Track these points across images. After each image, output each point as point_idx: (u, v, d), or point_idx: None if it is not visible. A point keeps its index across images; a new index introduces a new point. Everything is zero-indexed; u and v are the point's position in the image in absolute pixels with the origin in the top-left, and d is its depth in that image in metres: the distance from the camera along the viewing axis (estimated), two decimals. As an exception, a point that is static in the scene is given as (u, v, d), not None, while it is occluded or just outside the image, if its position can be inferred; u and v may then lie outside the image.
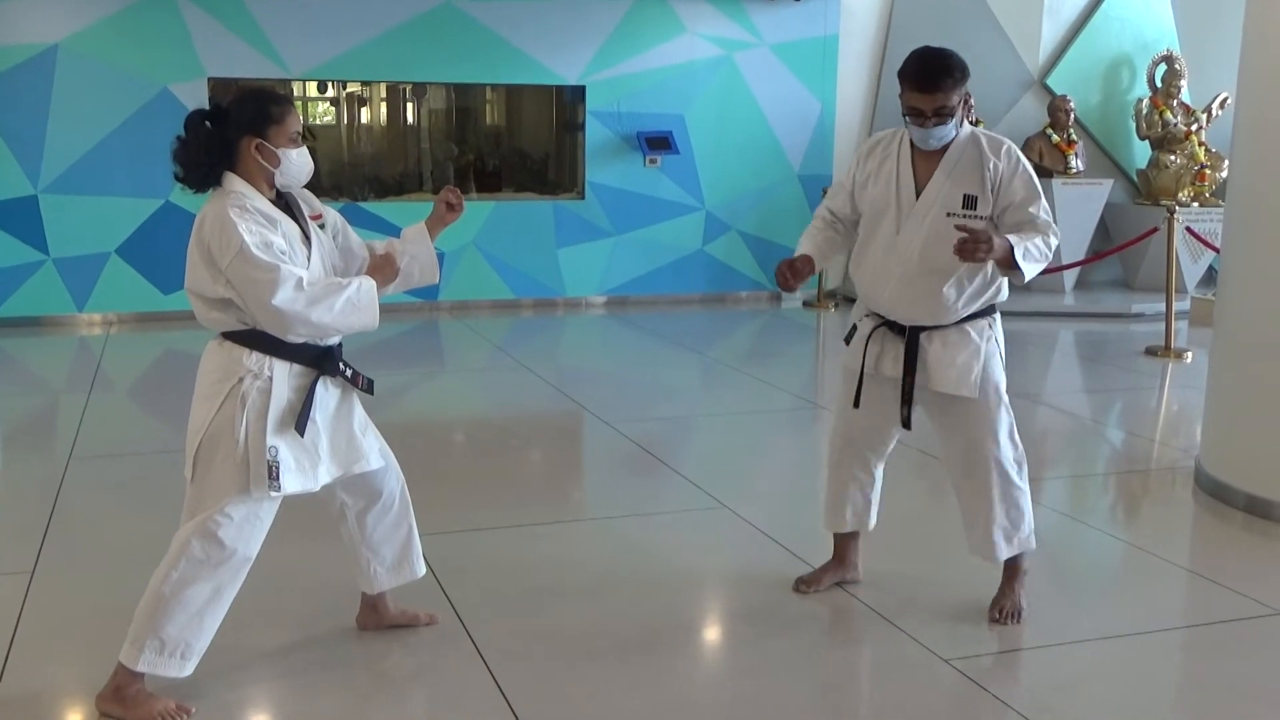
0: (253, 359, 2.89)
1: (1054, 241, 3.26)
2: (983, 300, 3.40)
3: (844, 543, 3.81)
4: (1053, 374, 7.96)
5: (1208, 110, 10.78)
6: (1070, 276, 10.64)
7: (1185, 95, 10.82)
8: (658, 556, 3.77)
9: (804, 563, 4.02)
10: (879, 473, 3.72)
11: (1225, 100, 10.63)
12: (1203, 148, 10.65)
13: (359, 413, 3.15)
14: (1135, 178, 11.15)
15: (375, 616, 3.43)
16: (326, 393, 3.02)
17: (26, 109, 8.56)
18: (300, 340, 2.92)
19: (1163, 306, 8.42)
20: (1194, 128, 10.65)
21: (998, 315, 3.49)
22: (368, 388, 3.13)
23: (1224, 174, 10.23)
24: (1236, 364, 4.85)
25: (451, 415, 6.65)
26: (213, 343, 2.98)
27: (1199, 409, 5.41)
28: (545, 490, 5.21)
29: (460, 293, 9.79)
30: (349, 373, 3.07)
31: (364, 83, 10.77)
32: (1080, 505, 4.94)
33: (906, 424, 3.49)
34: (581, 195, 10.09)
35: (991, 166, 3.28)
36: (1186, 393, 7.03)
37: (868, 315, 3.55)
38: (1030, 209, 3.29)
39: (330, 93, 11.14)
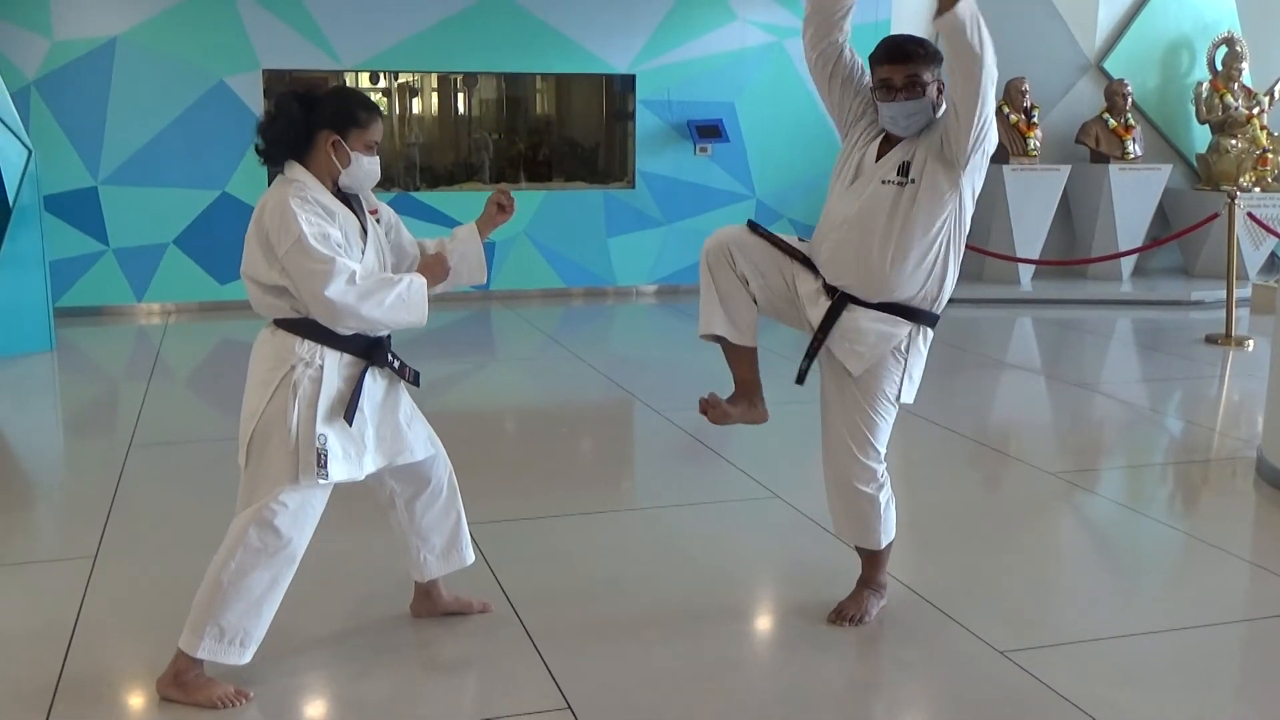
0: (304, 347, 2.93)
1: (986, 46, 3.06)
2: (918, 290, 3.22)
3: (743, 362, 3.42)
4: (1110, 362, 7.85)
5: (1270, 93, 10.56)
6: (1128, 264, 10.48)
7: (1246, 78, 10.59)
8: (709, 546, 3.77)
9: (856, 553, 4.00)
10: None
11: (1289, 83, 10.42)
12: (1264, 131, 10.43)
13: (405, 404, 3.18)
14: (1195, 163, 10.94)
15: (429, 604, 3.46)
16: (375, 383, 3.06)
17: (86, 102, 8.70)
18: (350, 332, 2.95)
19: (1223, 294, 8.27)
20: (1256, 111, 10.42)
21: (929, 333, 3.32)
22: (414, 380, 3.16)
23: (1287, 158, 10.04)
24: (1300, 352, 4.75)
25: (503, 404, 6.69)
26: (265, 331, 3.02)
27: (1260, 398, 5.32)
28: (597, 479, 5.22)
29: (511, 282, 9.82)
30: (397, 364, 3.10)
31: (415, 73, 10.83)
32: (1138, 496, 4.87)
33: (800, 378, 3.35)
34: (632, 184, 10.08)
35: (936, 129, 3.15)
36: (1247, 381, 6.89)
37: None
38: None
39: (382, 83, 11.21)
